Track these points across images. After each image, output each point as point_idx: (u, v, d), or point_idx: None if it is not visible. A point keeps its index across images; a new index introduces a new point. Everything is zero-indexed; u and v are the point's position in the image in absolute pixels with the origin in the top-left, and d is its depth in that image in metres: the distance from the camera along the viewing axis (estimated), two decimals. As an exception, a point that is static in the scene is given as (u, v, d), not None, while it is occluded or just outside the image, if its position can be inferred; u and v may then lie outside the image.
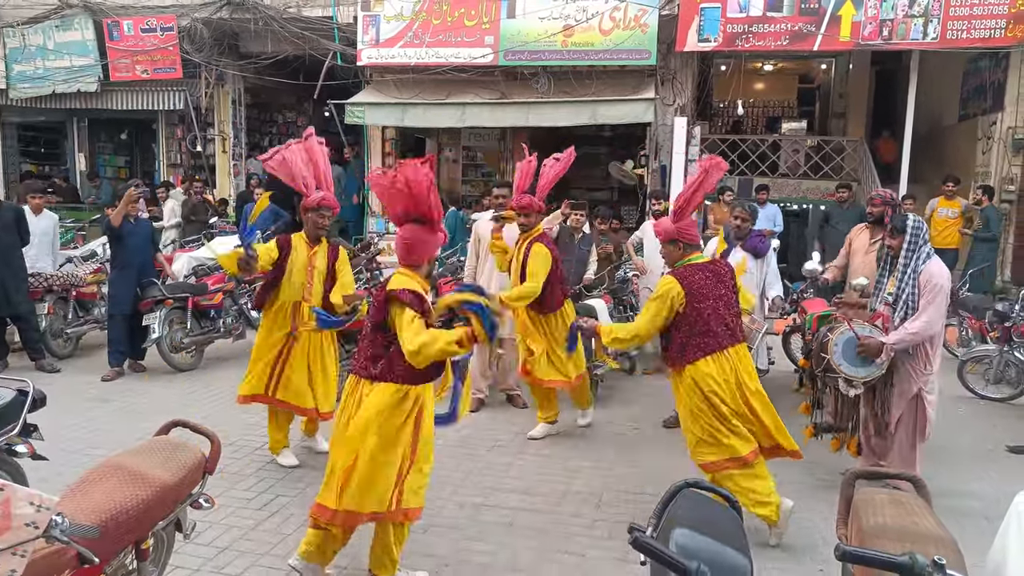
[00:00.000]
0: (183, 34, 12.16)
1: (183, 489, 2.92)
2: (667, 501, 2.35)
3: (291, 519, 4.25)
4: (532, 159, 5.61)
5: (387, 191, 3.37)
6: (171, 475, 2.83)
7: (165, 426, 3.24)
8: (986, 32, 9.43)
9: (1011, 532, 2.56)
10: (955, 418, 6.51)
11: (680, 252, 4.16)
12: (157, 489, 2.71)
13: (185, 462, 2.94)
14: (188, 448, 3.02)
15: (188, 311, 7.43)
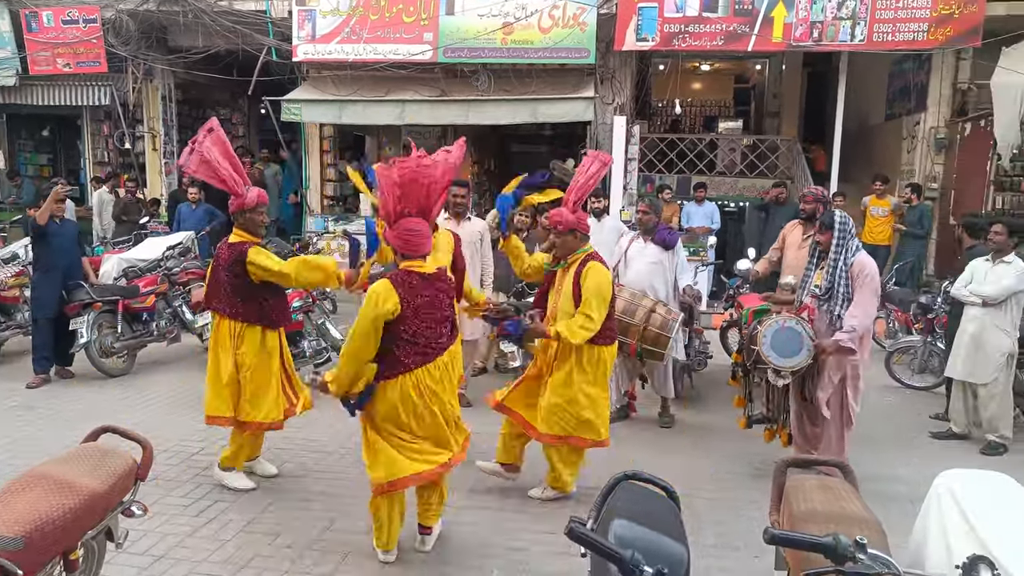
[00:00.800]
0: (108, 26, 11.69)
1: (113, 497, 2.83)
2: (606, 493, 2.39)
3: (229, 525, 4.16)
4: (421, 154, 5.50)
5: (404, 185, 3.48)
6: (100, 483, 2.74)
7: (94, 432, 3.14)
8: (910, 35, 9.80)
9: (931, 513, 2.68)
10: (882, 407, 6.77)
11: (578, 242, 4.40)
12: (85, 497, 2.63)
13: (115, 469, 2.85)
14: (118, 455, 2.93)
15: (118, 314, 7.20)
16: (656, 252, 5.88)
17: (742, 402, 5.24)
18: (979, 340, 5.68)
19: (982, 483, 2.71)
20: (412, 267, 3.56)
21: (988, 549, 2.22)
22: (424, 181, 3.51)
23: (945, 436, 6.00)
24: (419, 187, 3.51)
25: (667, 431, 6.00)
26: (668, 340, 5.47)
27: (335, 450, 5.36)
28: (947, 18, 9.59)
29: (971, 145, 10.29)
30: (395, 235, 3.56)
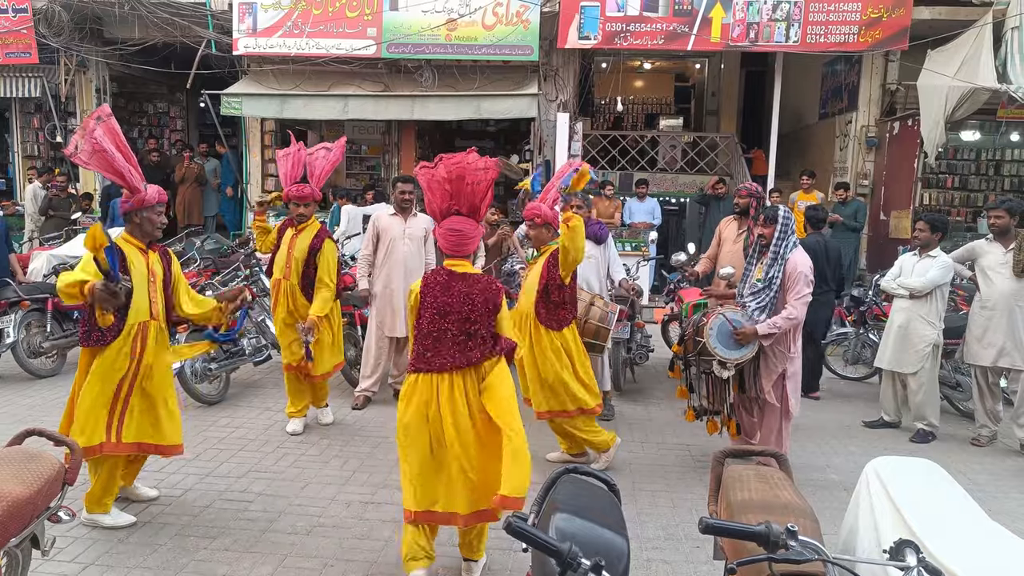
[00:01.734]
0: (39, 16, 11.26)
1: (39, 502, 2.73)
2: (549, 487, 2.40)
3: (164, 529, 4.05)
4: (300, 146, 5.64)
5: (449, 184, 3.41)
6: (24, 488, 2.64)
7: (19, 435, 3.02)
8: (841, 37, 10.11)
9: (861, 499, 2.77)
10: (819, 397, 6.97)
11: (550, 236, 4.83)
12: (7, 504, 2.52)
13: (41, 473, 2.75)
14: (44, 458, 2.83)
15: (48, 313, 6.94)
16: (589, 247, 5.92)
17: (685, 393, 5.31)
18: (905, 331, 5.89)
19: (909, 469, 2.81)
20: (451, 266, 3.48)
21: (914, 533, 2.29)
22: (472, 179, 3.44)
23: (877, 425, 6.21)
24: (466, 184, 3.44)
25: (607, 423, 6.06)
26: (608, 332, 5.53)
27: (273, 449, 5.27)
28: (876, 21, 9.93)
29: (900, 143, 10.67)
30: (441, 233, 3.51)
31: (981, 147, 12.23)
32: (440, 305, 3.37)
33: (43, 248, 9.00)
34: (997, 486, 5.06)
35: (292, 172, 5.53)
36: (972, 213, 11.84)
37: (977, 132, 11.76)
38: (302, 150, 5.57)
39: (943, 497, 2.60)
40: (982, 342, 5.77)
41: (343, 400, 6.40)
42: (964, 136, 11.79)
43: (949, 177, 12.24)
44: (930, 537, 2.26)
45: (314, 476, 4.83)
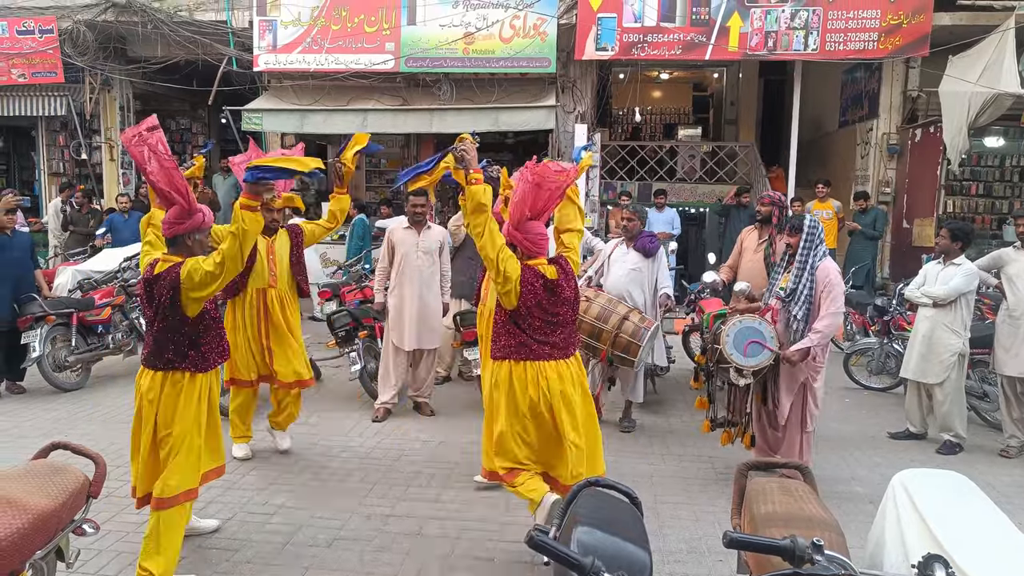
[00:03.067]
0: (65, 37, 11.49)
1: (64, 515, 2.75)
2: (570, 500, 2.38)
3: (186, 542, 4.05)
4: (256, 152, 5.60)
5: (538, 188, 3.68)
6: (50, 500, 2.66)
7: (44, 449, 3.05)
8: (860, 44, 10.05)
9: (888, 513, 2.72)
10: (841, 408, 6.89)
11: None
12: (33, 516, 2.55)
13: (66, 486, 2.77)
14: (69, 471, 2.85)
15: (72, 327, 7.03)
16: (636, 259, 5.93)
17: (704, 404, 5.27)
18: (930, 340, 5.79)
19: (937, 482, 2.76)
20: (535, 265, 3.76)
21: (943, 548, 2.25)
22: (550, 187, 3.70)
23: (902, 436, 6.12)
24: (545, 192, 3.71)
25: (628, 435, 6.03)
26: (638, 348, 5.49)
27: (294, 462, 5.29)
28: (896, 28, 9.86)
29: (922, 151, 10.56)
30: (524, 237, 3.76)
31: (1006, 153, 12.04)
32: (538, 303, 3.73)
33: (68, 264, 9.14)
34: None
35: None
36: (997, 220, 11.67)
37: (1001, 138, 11.60)
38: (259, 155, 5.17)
39: (972, 510, 2.55)
40: (1010, 352, 5.67)
41: (363, 412, 6.41)
42: (988, 142, 11.62)
43: (973, 184, 12.06)
44: (959, 551, 2.21)
45: (334, 488, 4.84)
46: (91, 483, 2.89)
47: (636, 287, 5.89)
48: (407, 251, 6.14)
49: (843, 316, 5.08)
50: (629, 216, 6.03)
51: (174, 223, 3.54)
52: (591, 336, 5.55)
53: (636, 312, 5.65)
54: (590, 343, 5.58)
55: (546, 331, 3.76)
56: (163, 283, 3.45)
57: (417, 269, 6.14)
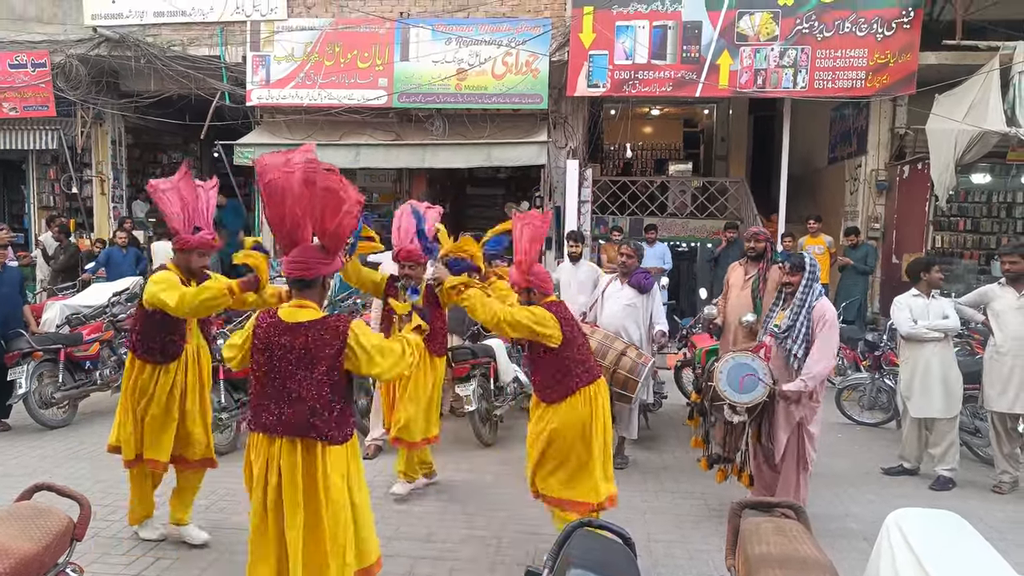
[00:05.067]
0: (57, 71, 11.56)
1: (47, 559, 2.70)
2: (562, 541, 2.36)
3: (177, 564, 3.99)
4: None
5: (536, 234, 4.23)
6: (32, 544, 2.62)
7: (28, 490, 3.01)
8: (848, 83, 10.22)
9: (882, 553, 2.70)
10: (834, 443, 6.86)
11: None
12: (15, 561, 2.50)
13: (50, 528, 2.73)
14: (53, 514, 2.81)
15: (60, 363, 6.95)
16: (631, 295, 5.93)
17: (700, 443, 5.24)
18: (946, 376, 5.77)
19: (932, 522, 2.75)
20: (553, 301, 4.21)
21: (938, 588, 2.24)
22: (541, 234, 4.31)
23: (896, 472, 6.09)
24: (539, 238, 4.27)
25: (622, 472, 5.97)
26: (636, 384, 5.48)
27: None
28: (883, 67, 10.04)
29: (910, 187, 10.68)
30: (535, 278, 4.17)
31: (992, 189, 12.20)
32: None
33: (56, 298, 9.08)
34: (1020, 533, 4.93)
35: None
36: (985, 256, 11.77)
37: (988, 175, 11.75)
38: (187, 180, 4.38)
39: (967, 550, 2.54)
40: (996, 388, 5.68)
41: (353, 449, 6.34)
42: (975, 179, 11.77)
43: (961, 220, 12.18)
44: (956, 593, 2.20)
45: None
46: (76, 525, 2.84)
47: (631, 323, 5.90)
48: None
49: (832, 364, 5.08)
50: (629, 253, 6.03)
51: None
52: None
53: (633, 348, 5.65)
54: None
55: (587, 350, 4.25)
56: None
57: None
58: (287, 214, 3.11)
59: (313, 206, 3.13)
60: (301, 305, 3.12)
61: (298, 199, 3.10)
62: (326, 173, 3.12)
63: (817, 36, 10.14)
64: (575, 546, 2.31)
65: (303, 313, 3.08)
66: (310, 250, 3.16)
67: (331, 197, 3.12)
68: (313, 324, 3.04)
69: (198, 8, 11.45)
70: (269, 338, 3.06)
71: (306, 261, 3.11)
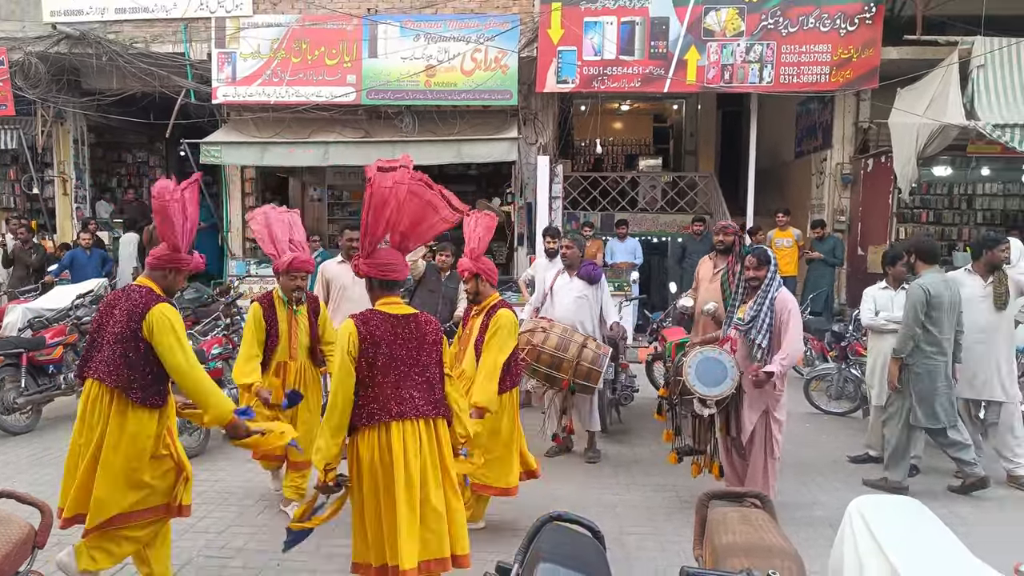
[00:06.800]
0: (15, 68, 11.32)
1: (7, 567, 2.65)
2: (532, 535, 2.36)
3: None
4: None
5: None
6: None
7: (-12, 497, 2.94)
8: (813, 77, 10.36)
9: (845, 539, 2.75)
10: (802, 433, 6.96)
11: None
12: (-26, 569, 2.45)
13: (9, 537, 2.68)
14: (12, 521, 2.76)
15: (22, 368, 6.82)
16: (581, 287, 5.96)
17: (670, 437, 5.29)
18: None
19: (892, 508, 2.80)
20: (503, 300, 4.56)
21: (898, 572, 2.28)
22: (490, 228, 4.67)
23: (862, 460, 6.19)
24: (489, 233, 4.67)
25: (595, 466, 6.01)
26: (599, 374, 5.55)
27: (255, 503, 5.17)
28: (846, 62, 10.19)
29: (874, 180, 10.86)
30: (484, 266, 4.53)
31: (953, 182, 12.48)
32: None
33: (18, 301, 8.89)
34: (980, 518, 5.04)
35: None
36: (947, 246, 12.03)
37: (949, 167, 12.01)
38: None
39: (926, 535, 2.60)
40: (964, 375, 5.78)
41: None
42: (936, 171, 12.02)
43: (924, 212, 12.46)
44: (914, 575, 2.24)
45: (295, 528, 4.72)
46: (37, 532, 2.79)
47: (586, 315, 5.95)
48: (344, 283, 6.03)
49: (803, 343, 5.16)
50: (568, 244, 6.09)
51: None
52: (551, 367, 5.56)
53: (591, 339, 5.71)
54: (551, 374, 5.59)
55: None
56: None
57: (355, 302, 6.06)
58: (386, 220, 3.28)
59: (410, 215, 3.34)
60: (392, 302, 3.35)
61: (398, 208, 3.27)
62: (428, 189, 3.35)
63: (782, 31, 10.26)
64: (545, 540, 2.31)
65: (401, 307, 3.35)
66: (396, 255, 3.37)
67: (428, 210, 3.36)
68: (413, 315, 3.35)
69: (161, 4, 11.30)
70: (381, 334, 3.22)
71: (397, 265, 3.35)
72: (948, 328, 5.34)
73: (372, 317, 3.26)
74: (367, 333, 3.20)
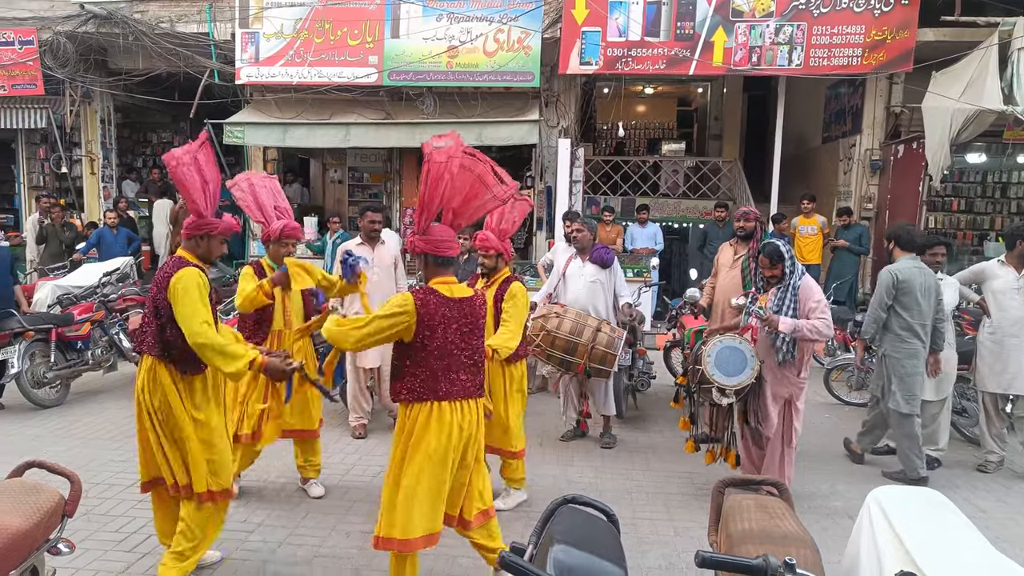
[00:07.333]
0: (45, 48, 11.43)
1: (38, 535, 2.72)
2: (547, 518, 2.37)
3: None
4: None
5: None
6: (23, 520, 2.63)
7: (19, 468, 3.02)
8: (845, 60, 10.14)
9: (863, 529, 2.73)
10: (822, 423, 6.92)
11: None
12: (7, 537, 2.52)
13: (40, 505, 2.75)
14: (44, 490, 2.83)
15: (52, 343, 6.96)
16: (594, 271, 5.93)
17: (687, 425, 5.28)
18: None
19: (912, 499, 2.78)
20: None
21: (918, 565, 2.26)
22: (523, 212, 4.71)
23: (882, 451, 6.14)
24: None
25: (610, 451, 6.02)
26: (614, 358, 5.54)
27: (274, 479, 5.24)
28: (880, 44, 9.96)
29: (904, 167, 10.68)
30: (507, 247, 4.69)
31: (987, 169, 12.18)
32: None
33: (47, 278, 9.05)
34: (1004, 512, 4.99)
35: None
36: (978, 236, 11.81)
37: (983, 154, 11.72)
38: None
39: (946, 527, 2.57)
40: (994, 368, 5.70)
41: (343, 429, 6.37)
42: (970, 158, 11.74)
43: (955, 200, 12.21)
44: (933, 569, 2.22)
45: (315, 506, 4.80)
46: (66, 502, 2.86)
47: (599, 299, 5.91)
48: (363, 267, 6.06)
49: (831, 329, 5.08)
50: (578, 227, 6.05)
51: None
52: (566, 352, 5.56)
53: (605, 323, 5.69)
54: (566, 359, 5.59)
55: None
56: None
57: (376, 285, 6.10)
58: (440, 196, 3.33)
59: (463, 192, 3.38)
60: (448, 281, 3.39)
61: (451, 183, 3.33)
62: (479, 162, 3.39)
63: (814, 12, 10.05)
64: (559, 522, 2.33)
65: (457, 288, 3.38)
66: (449, 231, 3.41)
67: (479, 186, 3.41)
68: (468, 298, 3.39)
69: (186, -16, 11.31)
70: (438, 319, 3.28)
71: (451, 241, 3.40)
72: (920, 314, 5.38)
73: (430, 299, 3.28)
74: (425, 315, 3.25)
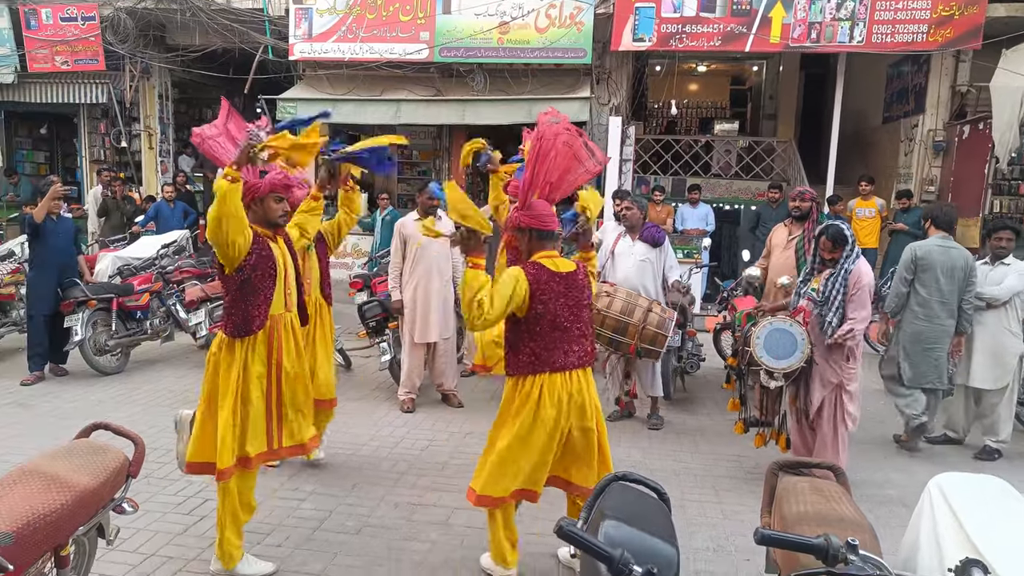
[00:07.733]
0: (106, 24, 11.71)
1: (105, 493, 2.81)
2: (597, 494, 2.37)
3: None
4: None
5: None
6: (91, 479, 2.72)
7: (86, 429, 3.12)
8: (909, 36, 9.77)
9: (923, 516, 2.67)
10: (878, 411, 6.77)
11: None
12: (76, 494, 2.61)
13: (107, 465, 2.84)
14: (110, 451, 2.92)
15: (112, 312, 7.18)
16: (644, 250, 5.86)
17: (736, 406, 5.21)
18: (993, 345, 5.60)
19: (976, 486, 2.71)
20: None
21: (981, 552, 2.21)
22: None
23: (939, 440, 5.99)
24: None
25: (658, 433, 5.99)
26: (665, 339, 5.50)
27: (325, 449, 5.34)
28: (947, 19, 9.58)
29: (969, 148, 10.30)
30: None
31: (1057, 151, 11.68)
32: None
33: (108, 250, 9.34)
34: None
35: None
36: (1043, 221, 11.35)
37: (1054, 136, 11.24)
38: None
39: (1012, 516, 2.50)
40: None
41: (392, 403, 6.46)
42: (1039, 140, 11.28)
43: (1022, 183, 11.74)
44: (998, 557, 2.17)
45: (364, 477, 4.89)
46: (131, 463, 2.95)
47: (649, 279, 5.85)
48: (422, 241, 6.07)
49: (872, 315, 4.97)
50: (628, 205, 5.97)
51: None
52: (617, 332, 5.52)
53: (656, 304, 5.63)
54: (616, 339, 5.55)
55: None
56: None
57: (434, 259, 6.14)
58: (545, 171, 3.39)
59: (561, 167, 3.43)
60: (551, 255, 3.42)
61: (556, 158, 3.40)
62: (578, 138, 3.47)
63: (877, -14, 9.71)
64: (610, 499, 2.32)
65: (561, 263, 3.40)
66: (548, 205, 3.45)
67: (574, 162, 3.47)
68: (573, 272, 3.41)
69: (242, -41, 11.44)
70: (549, 295, 3.31)
71: (552, 215, 3.43)
72: (940, 291, 5.41)
73: (540, 274, 3.30)
74: (537, 291, 3.28)
